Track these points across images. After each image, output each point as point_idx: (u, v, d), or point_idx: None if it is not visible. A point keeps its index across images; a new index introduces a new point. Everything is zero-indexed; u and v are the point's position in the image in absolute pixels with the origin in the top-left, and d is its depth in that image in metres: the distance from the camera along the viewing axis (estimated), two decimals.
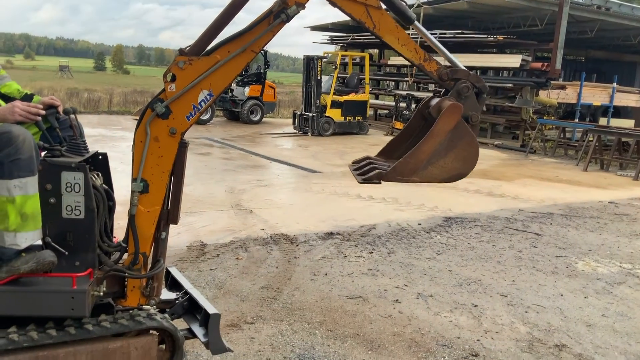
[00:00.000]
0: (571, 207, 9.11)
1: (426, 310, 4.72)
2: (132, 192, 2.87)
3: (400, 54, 2.91)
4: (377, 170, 2.90)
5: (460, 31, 19.40)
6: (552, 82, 16.83)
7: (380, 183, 2.87)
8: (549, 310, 4.86)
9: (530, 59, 17.58)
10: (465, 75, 2.94)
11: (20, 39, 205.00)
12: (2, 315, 2.68)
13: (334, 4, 2.78)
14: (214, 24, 2.80)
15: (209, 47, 2.80)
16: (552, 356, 4.04)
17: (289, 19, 2.74)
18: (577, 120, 17.72)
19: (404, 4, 2.91)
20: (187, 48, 2.80)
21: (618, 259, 6.43)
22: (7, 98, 3.05)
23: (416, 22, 2.96)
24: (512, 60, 17.80)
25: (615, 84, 18.73)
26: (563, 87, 17.75)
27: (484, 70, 20.97)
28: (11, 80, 3.20)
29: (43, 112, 2.71)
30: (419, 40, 3.43)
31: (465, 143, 2.87)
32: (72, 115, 3.04)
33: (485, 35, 18.92)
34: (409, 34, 2.95)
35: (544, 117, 17.06)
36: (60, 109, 3.00)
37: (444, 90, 3.03)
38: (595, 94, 18.63)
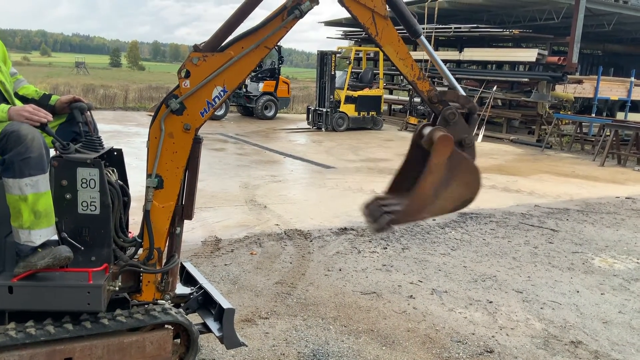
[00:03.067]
0: (588, 202, 9.01)
1: (441, 306, 4.70)
2: (147, 187, 2.89)
3: (396, 68, 2.91)
4: (387, 217, 2.89)
5: (475, 25, 19.22)
6: (569, 76, 16.63)
7: (394, 231, 2.87)
8: (565, 307, 4.82)
9: (546, 52, 17.38)
10: (453, 97, 2.93)
11: (37, 36, 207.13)
12: (20, 310, 2.72)
13: (342, 4, 2.78)
14: (229, 20, 2.80)
15: (223, 44, 2.81)
16: (568, 353, 4.01)
17: (302, 14, 2.74)
18: (594, 115, 17.50)
19: (414, 17, 2.91)
20: (202, 44, 2.81)
21: (635, 255, 6.36)
22: (26, 100, 3.10)
23: (422, 38, 2.95)
24: (528, 55, 17.59)
25: (633, 78, 18.46)
26: (580, 82, 17.54)
27: (500, 64, 20.80)
28: (27, 83, 3.25)
29: (50, 118, 2.73)
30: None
31: (464, 169, 2.86)
32: (88, 112, 3.08)
33: (501, 29, 18.73)
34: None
35: (561, 112, 16.88)
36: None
37: (432, 115, 3.01)
38: (612, 88, 18.39)
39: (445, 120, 2.88)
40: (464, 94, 2.96)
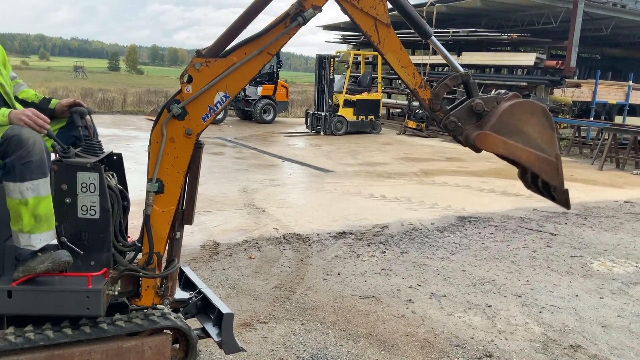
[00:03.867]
0: (586, 206, 9.03)
1: (439, 310, 4.70)
2: (148, 192, 2.89)
3: (397, 76, 2.91)
4: (556, 190, 3.00)
5: (473, 29, 19.29)
6: (567, 80, 16.69)
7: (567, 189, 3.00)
8: (564, 311, 4.82)
9: (544, 57, 17.44)
10: (445, 88, 2.93)
11: (36, 40, 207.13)
12: (19, 314, 2.72)
13: (345, 12, 2.79)
14: (232, 26, 2.80)
15: (226, 49, 2.81)
16: (567, 357, 4.01)
17: (305, 21, 2.74)
18: (592, 119, 17.56)
19: (423, 18, 2.91)
20: (205, 50, 2.81)
21: (634, 259, 6.37)
22: (26, 103, 3.10)
23: (432, 38, 2.94)
24: (526, 59, 17.65)
25: (631, 82, 18.54)
26: (578, 85, 17.61)
27: (498, 68, 20.86)
28: (27, 87, 3.26)
29: (48, 126, 2.73)
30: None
31: (512, 116, 2.82)
32: (87, 116, 3.08)
33: (499, 34, 18.81)
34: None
35: (559, 116, 16.92)
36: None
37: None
38: (610, 92, 18.46)
39: (451, 129, 2.89)
40: (461, 70, 2.95)
